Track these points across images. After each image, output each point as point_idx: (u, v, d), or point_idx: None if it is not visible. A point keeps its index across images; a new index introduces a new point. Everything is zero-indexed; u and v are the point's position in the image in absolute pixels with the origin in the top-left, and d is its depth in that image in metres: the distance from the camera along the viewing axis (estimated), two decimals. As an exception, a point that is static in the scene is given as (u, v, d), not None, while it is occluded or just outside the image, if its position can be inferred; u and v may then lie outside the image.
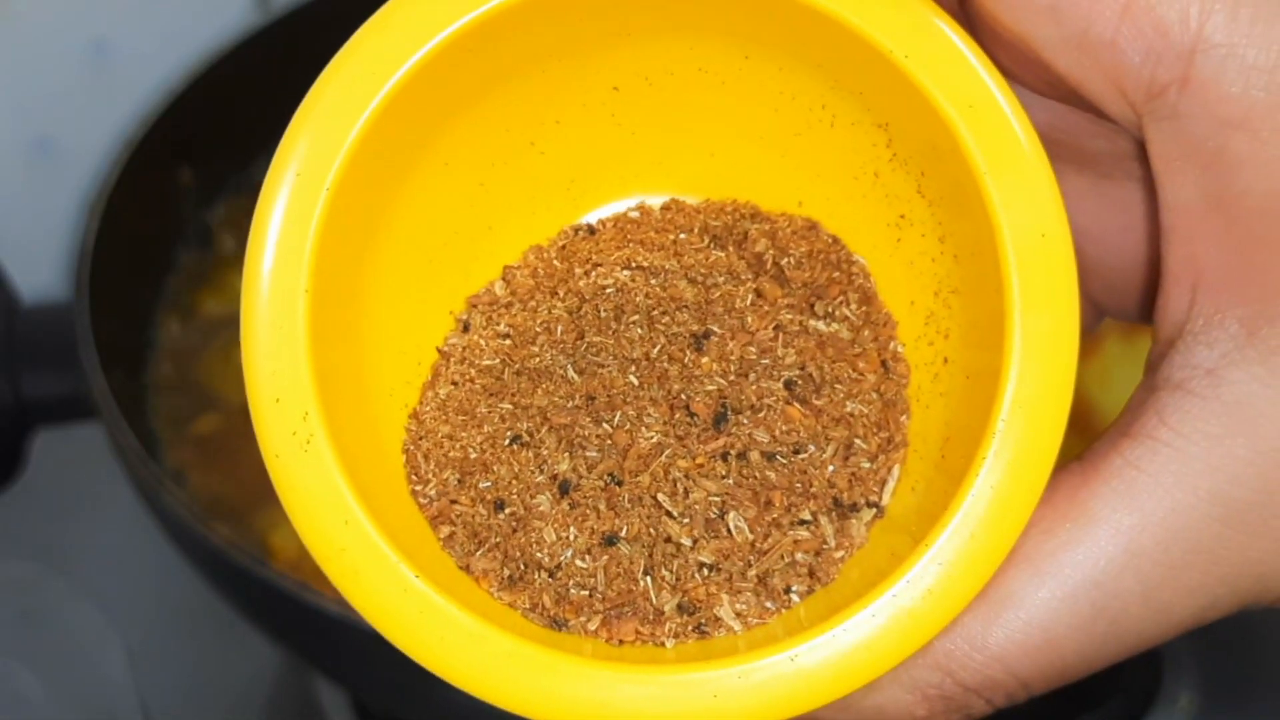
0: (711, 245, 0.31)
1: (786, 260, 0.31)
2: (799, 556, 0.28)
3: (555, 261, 0.31)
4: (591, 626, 0.27)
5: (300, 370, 0.26)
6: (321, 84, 0.27)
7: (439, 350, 0.31)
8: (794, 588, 0.28)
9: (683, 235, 0.31)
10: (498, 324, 0.31)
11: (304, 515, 0.26)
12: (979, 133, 0.27)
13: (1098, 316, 0.35)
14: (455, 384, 0.30)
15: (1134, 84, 0.26)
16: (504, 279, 0.31)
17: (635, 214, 0.32)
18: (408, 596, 0.26)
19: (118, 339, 0.60)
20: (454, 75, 0.28)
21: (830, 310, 0.30)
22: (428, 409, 0.30)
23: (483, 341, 0.30)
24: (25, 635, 0.60)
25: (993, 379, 0.26)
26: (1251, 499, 0.26)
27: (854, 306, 0.30)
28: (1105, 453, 0.27)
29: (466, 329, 0.31)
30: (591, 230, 0.32)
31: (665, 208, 0.32)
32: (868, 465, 0.29)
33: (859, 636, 0.26)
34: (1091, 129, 0.30)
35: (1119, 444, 0.27)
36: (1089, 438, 0.28)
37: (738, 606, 0.27)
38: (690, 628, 0.27)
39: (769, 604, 0.27)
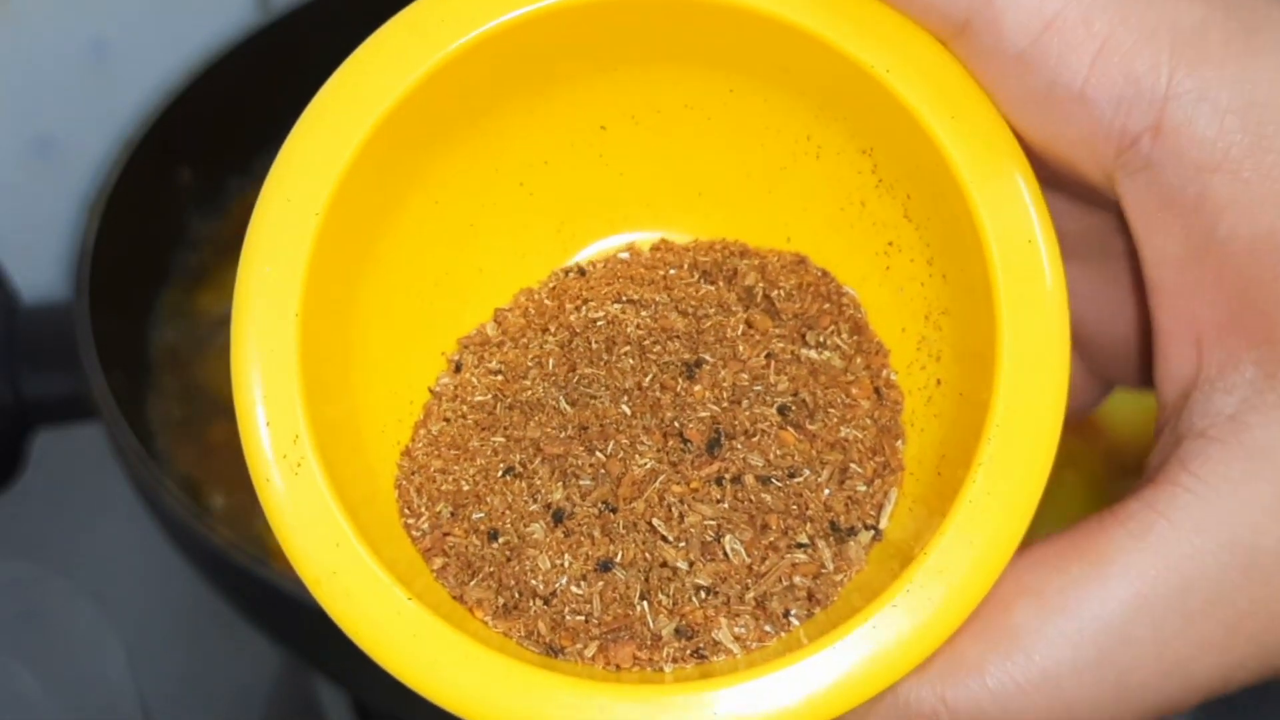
0: (701, 280, 0.31)
1: (777, 293, 0.31)
2: (797, 580, 0.27)
3: (546, 300, 0.31)
4: (588, 653, 0.27)
5: (291, 394, 0.26)
6: (310, 115, 0.27)
7: (431, 391, 0.30)
8: (793, 611, 0.27)
9: (672, 271, 0.31)
10: (489, 362, 0.30)
11: (294, 539, 0.26)
12: (961, 143, 0.26)
13: (1104, 389, 0.34)
14: (447, 420, 0.30)
15: (1105, 137, 0.25)
16: (495, 321, 0.31)
17: (625, 255, 0.32)
18: (401, 620, 0.25)
19: (118, 339, 0.60)
20: (441, 104, 0.28)
21: (822, 340, 0.30)
22: (419, 445, 0.30)
23: (474, 379, 0.30)
24: (25, 635, 0.60)
25: (985, 393, 0.26)
26: (1275, 548, 0.25)
27: (845, 336, 0.30)
28: (1127, 500, 0.26)
29: (458, 369, 0.31)
30: (582, 271, 0.32)
31: (655, 247, 0.32)
32: (864, 489, 0.28)
33: (860, 652, 0.25)
34: (1067, 210, 0.29)
35: (1141, 490, 0.26)
36: (1099, 446, 0.27)
37: (736, 630, 0.27)
38: (689, 652, 0.27)
39: (768, 628, 0.27)
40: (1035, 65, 0.25)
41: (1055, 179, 0.27)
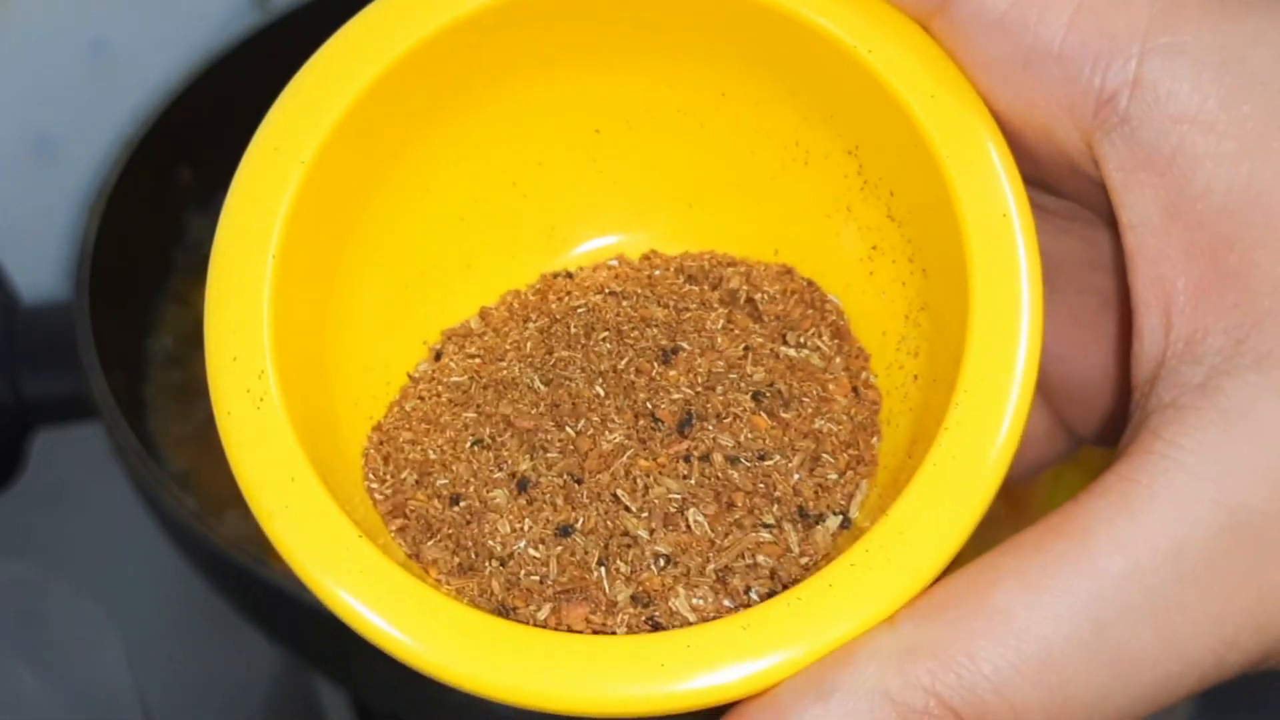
0: (686, 282, 0.31)
1: (760, 295, 0.31)
2: (761, 559, 0.27)
3: (530, 297, 0.32)
4: (541, 615, 0.26)
5: (258, 331, 0.26)
6: (306, 72, 0.27)
7: (409, 376, 0.31)
8: (754, 588, 0.27)
9: (658, 273, 0.32)
10: (469, 349, 0.31)
11: (249, 472, 0.25)
12: (937, 119, 0.27)
13: (1072, 443, 0.33)
14: (422, 399, 0.30)
15: (1083, 95, 0.25)
16: (480, 317, 0.32)
17: (614, 262, 0.32)
18: (354, 561, 0.25)
19: (118, 339, 0.60)
20: (430, 80, 0.28)
21: (802, 340, 0.30)
22: (391, 420, 0.30)
23: (453, 364, 0.31)
24: (25, 635, 0.60)
25: (956, 368, 0.26)
26: (1265, 508, 0.23)
27: (826, 339, 0.30)
28: (1102, 477, 0.25)
29: (439, 357, 0.31)
30: (569, 276, 0.32)
31: (644, 257, 0.32)
32: (835, 478, 0.28)
33: (817, 602, 0.24)
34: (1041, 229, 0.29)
35: (1114, 465, 0.25)
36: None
37: (694, 601, 0.26)
38: (644, 619, 0.26)
39: (727, 602, 0.26)
40: (1014, 28, 0.25)
41: (1032, 173, 0.27)
